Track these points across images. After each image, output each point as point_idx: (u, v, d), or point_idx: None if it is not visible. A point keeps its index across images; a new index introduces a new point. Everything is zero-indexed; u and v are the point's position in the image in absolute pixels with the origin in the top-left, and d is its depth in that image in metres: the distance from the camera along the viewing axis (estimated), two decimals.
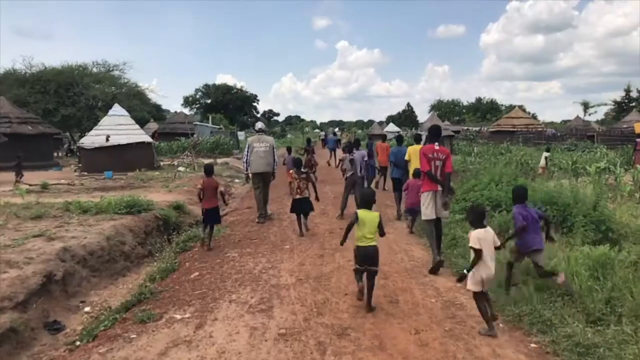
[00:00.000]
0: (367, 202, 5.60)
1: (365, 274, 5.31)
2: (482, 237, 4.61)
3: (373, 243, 5.33)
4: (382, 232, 5.48)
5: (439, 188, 6.69)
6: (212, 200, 8.17)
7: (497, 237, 4.83)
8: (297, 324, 4.87)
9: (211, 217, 8.15)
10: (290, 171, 9.09)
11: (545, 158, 17.88)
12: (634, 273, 5.33)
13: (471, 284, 4.67)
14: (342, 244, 5.73)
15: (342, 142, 29.24)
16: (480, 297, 4.69)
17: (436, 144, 6.83)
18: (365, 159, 10.70)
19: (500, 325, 4.84)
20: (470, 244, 4.66)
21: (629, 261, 5.71)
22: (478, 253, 4.57)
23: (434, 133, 7.05)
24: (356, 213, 5.40)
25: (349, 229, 5.47)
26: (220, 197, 8.43)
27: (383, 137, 16.44)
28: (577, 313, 4.75)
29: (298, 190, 8.74)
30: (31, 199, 10.84)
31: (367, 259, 5.28)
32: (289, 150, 15.71)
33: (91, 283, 6.91)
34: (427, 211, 6.75)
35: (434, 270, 6.64)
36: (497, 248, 4.74)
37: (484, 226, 4.71)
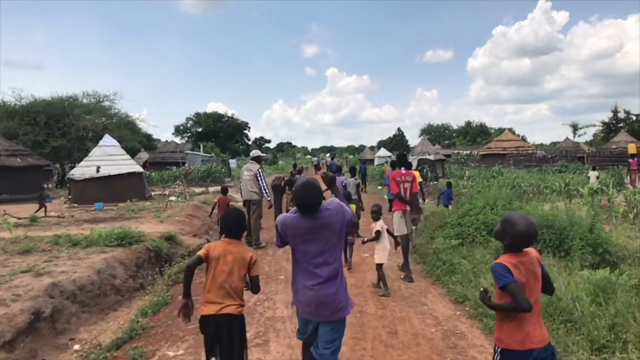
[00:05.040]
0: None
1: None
2: (382, 226, 6.99)
3: None
4: (355, 218, 7.67)
5: (408, 208, 7.71)
6: None
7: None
8: (294, 358, 4.72)
9: None
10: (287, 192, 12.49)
11: (598, 177, 17.65)
12: (636, 297, 5.24)
13: (378, 259, 6.92)
14: None
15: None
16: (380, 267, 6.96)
17: (402, 168, 7.93)
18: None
19: None
20: (376, 229, 6.96)
21: (629, 285, 5.61)
22: (377, 234, 6.92)
23: (400, 160, 8.30)
24: None
25: None
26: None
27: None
28: (581, 340, 4.57)
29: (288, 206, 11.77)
30: (19, 233, 10.61)
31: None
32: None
33: (81, 319, 6.69)
34: (400, 227, 7.65)
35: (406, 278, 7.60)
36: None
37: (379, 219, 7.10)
